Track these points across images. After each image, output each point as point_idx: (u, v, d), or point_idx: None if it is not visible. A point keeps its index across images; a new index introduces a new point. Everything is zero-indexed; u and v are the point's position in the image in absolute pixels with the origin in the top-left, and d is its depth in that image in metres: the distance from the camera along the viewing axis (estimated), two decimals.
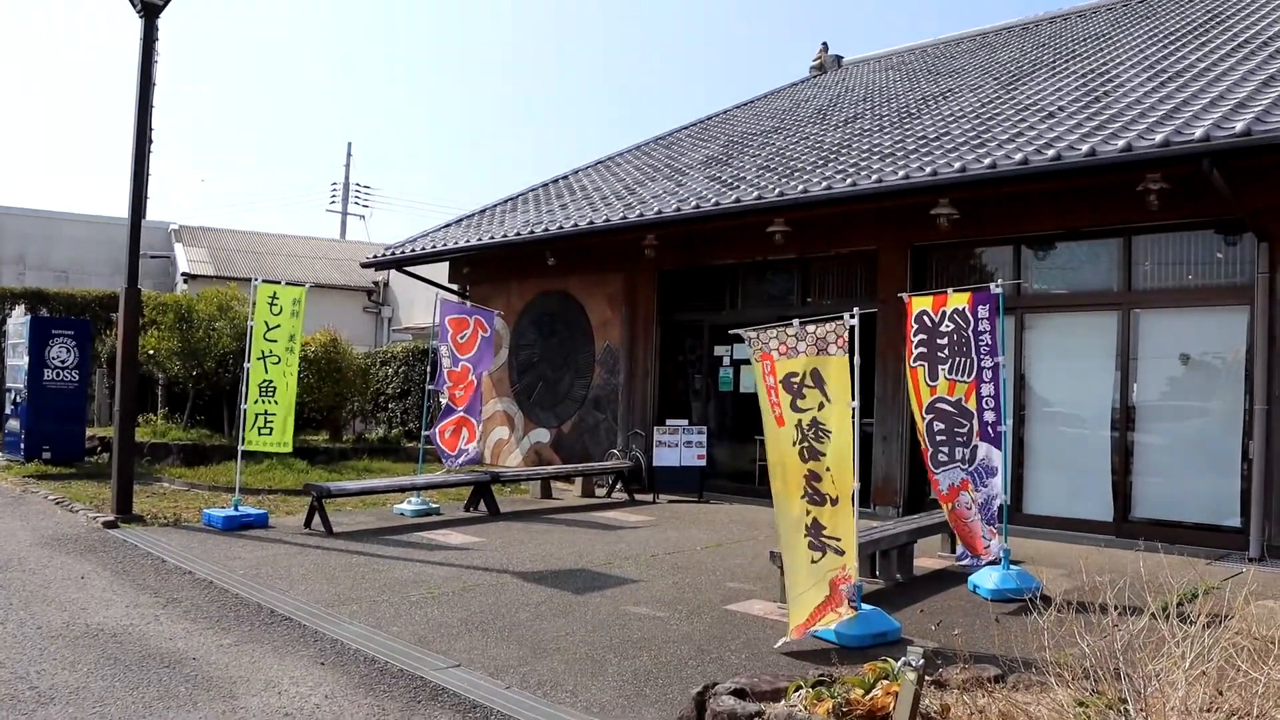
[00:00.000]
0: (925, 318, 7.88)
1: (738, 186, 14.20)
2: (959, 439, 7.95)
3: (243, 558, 9.64)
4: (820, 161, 14.23)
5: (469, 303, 13.33)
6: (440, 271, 19.90)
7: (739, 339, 14.93)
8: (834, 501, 6.84)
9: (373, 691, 5.82)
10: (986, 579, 8.55)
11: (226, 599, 8.02)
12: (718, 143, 19.43)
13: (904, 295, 7.94)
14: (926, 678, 5.40)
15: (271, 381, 11.57)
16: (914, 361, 7.89)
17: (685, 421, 14.86)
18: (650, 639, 7.05)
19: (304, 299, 11.77)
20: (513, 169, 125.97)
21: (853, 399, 6.94)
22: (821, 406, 6.84)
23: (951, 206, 11.77)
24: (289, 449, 12.04)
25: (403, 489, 12.48)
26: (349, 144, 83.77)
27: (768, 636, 7.19)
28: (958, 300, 8.05)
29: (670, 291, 16.27)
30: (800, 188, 12.65)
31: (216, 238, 30.99)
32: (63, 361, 16.27)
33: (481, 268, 19.03)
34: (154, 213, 45.29)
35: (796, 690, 5.31)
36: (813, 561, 6.84)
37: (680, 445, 14.48)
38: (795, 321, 7.03)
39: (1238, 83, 11.37)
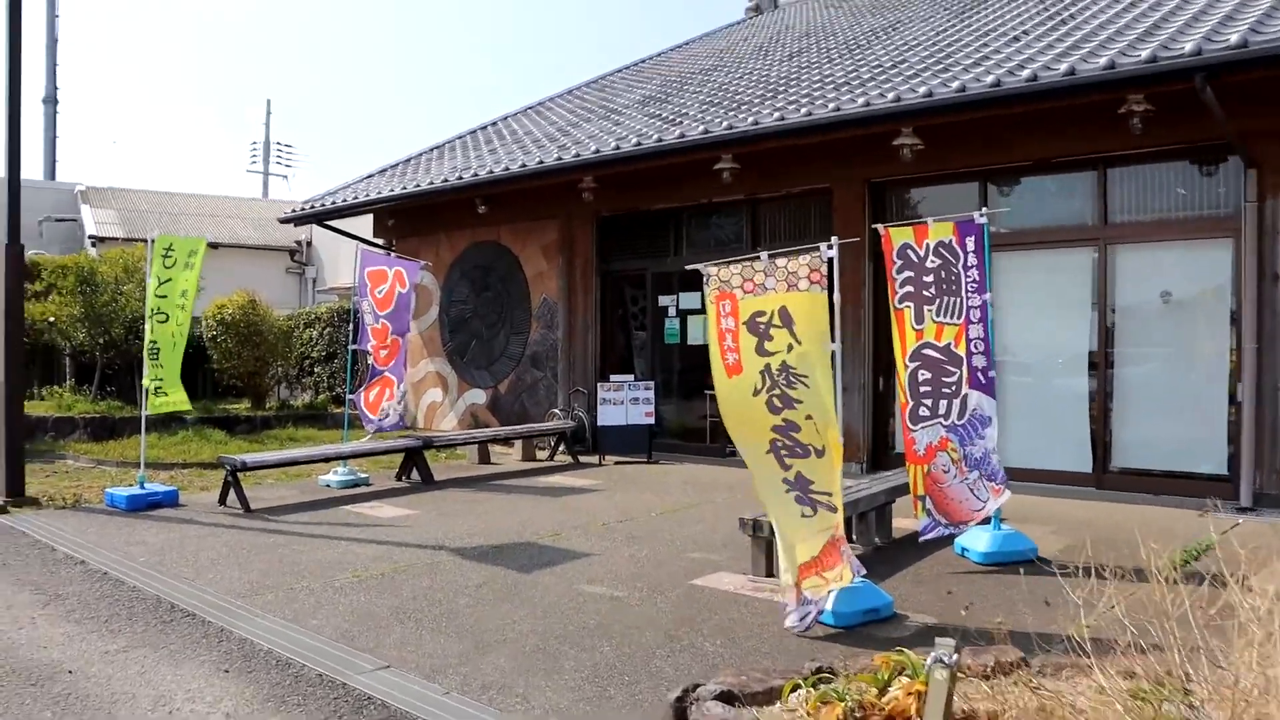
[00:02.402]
0: (909, 252, 6.99)
1: (680, 122, 13.23)
2: (945, 390, 7.09)
3: (146, 542, 8.58)
4: (768, 94, 13.29)
5: (392, 253, 12.25)
6: (365, 226, 18.74)
7: (686, 287, 14.21)
8: (819, 453, 5.98)
9: (284, 705, 4.85)
10: (977, 541, 7.76)
11: (121, 593, 6.98)
12: (654, 83, 18.39)
13: (880, 227, 7.04)
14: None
15: (156, 343, 10.39)
16: (899, 302, 7.00)
17: (631, 377, 13.93)
18: (610, 624, 6.15)
19: (202, 250, 10.60)
20: (443, 125, 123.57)
21: (833, 340, 6.07)
22: (790, 348, 5.97)
23: (915, 136, 10.90)
24: (187, 405, 10.86)
25: (327, 459, 11.43)
26: (268, 101, 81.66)
27: (744, 617, 6.33)
28: (941, 231, 7.17)
29: (610, 239, 15.29)
30: (750, 120, 11.71)
31: (127, 198, 29.35)
32: None
33: (408, 219, 17.88)
34: (64, 175, 43.28)
35: (794, 690, 4.45)
36: (803, 516, 5.98)
37: (626, 403, 13.57)
38: (763, 254, 6.12)
39: (1213, 1, 10.59)
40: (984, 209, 7.58)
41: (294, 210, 18.90)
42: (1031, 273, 11.21)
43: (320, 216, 18.06)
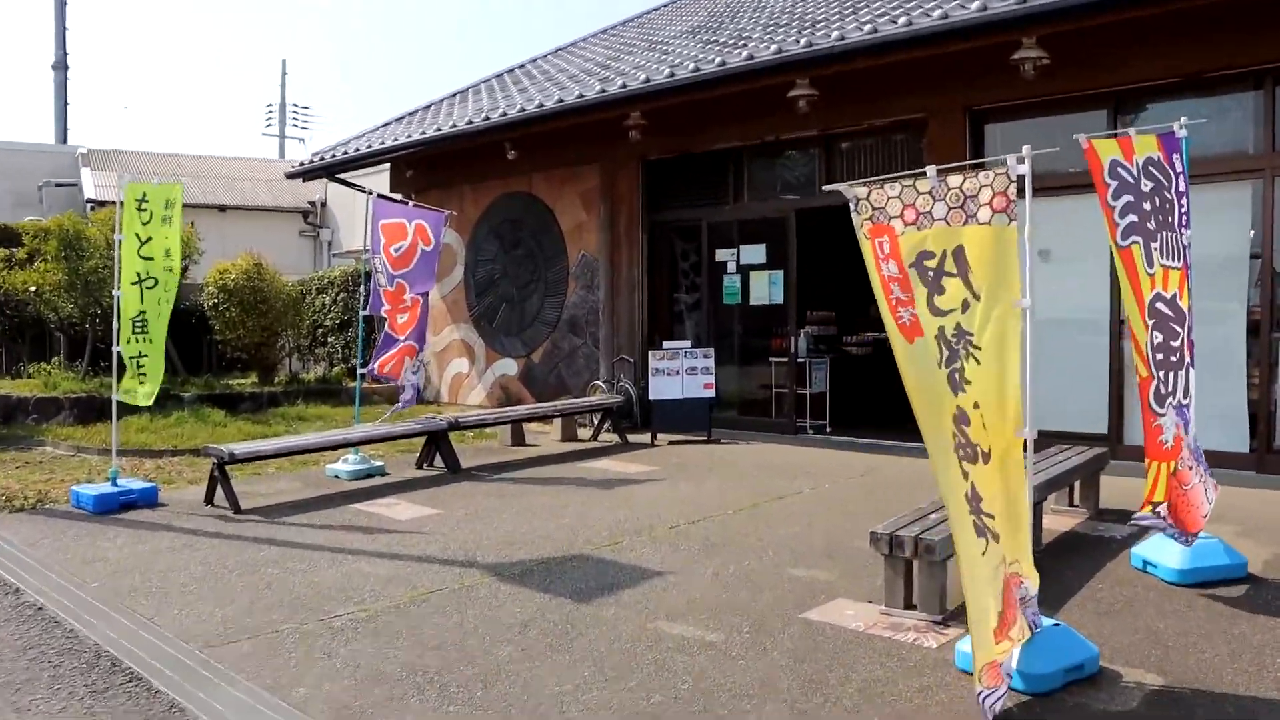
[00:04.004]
0: (1121, 171, 5.08)
1: (744, 45, 11.31)
2: (1173, 358, 5.25)
3: (107, 558, 6.88)
4: (845, 11, 11.36)
5: (412, 202, 10.51)
6: (383, 183, 16.93)
7: (748, 239, 12.33)
8: (985, 458, 4.19)
9: None
10: (1165, 554, 5.94)
11: (53, 641, 5.27)
12: (699, 16, 16.41)
13: (1082, 138, 5.12)
14: None
15: (145, 313, 8.68)
16: (1123, 239, 5.05)
17: (687, 343, 12.11)
18: (711, 692, 4.39)
19: (179, 199, 8.84)
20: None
21: (1024, 295, 4.25)
22: (965, 306, 4.16)
23: (1040, 48, 9.00)
24: (150, 401, 9.13)
25: (335, 446, 9.64)
26: (284, 61, 79.95)
27: (895, 676, 4.55)
28: (1146, 146, 5.30)
29: (658, 185, 13.42)
30: (836, 35, 9.80)
31: (130, 161, 27.63)
32: None
33: (428, 170, 16.06)
34: (75, 141, 41.72)
35: None
36: (981, 553, 4.20)
37: (682, 373, 11.77)
38: (930, 170, 4.29)
39: None
40: (1183, 120, 5.71)
41: (302, 163, 17.12)
42: None
43: (331, 169, 16.26)
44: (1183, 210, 5.38)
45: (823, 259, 13.49)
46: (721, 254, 12.69)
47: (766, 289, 12.22)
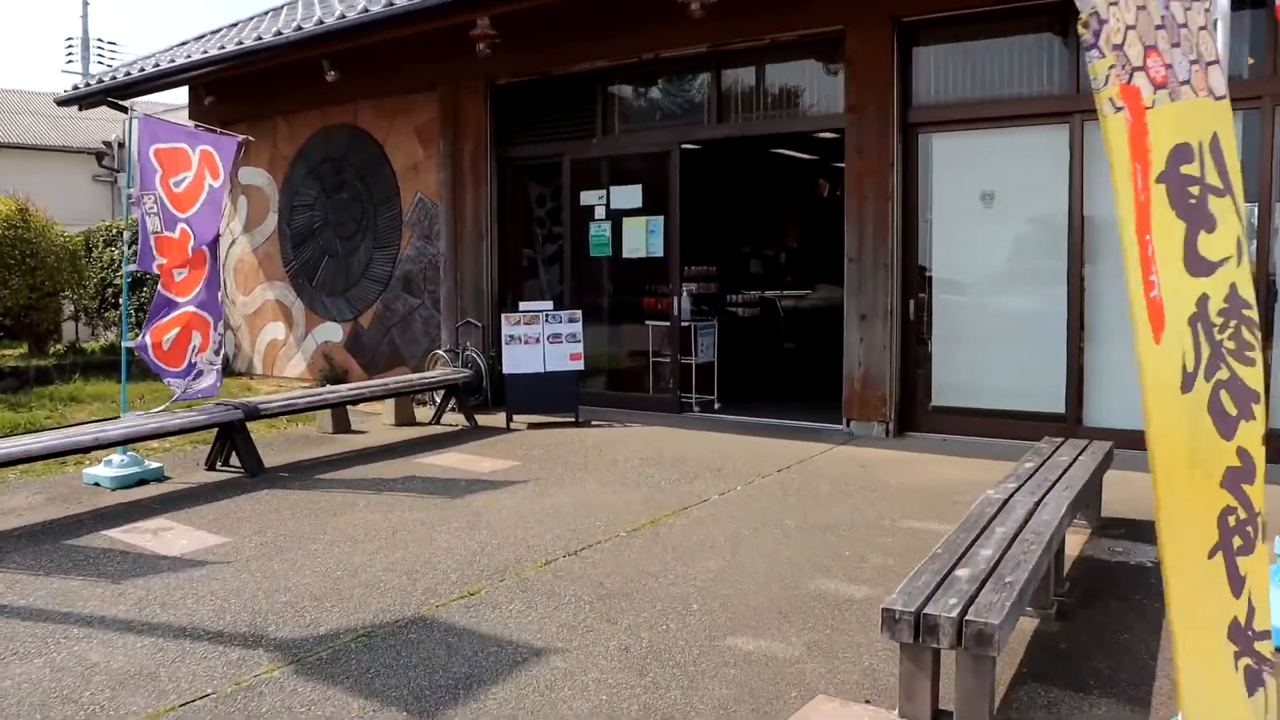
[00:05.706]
0: None
1: None
2: None
3: None
4: None
5: (196, 124, 8.16)
6: (182, 119, 14.25)
7: (619, 179, 10.00)
8: (1264, 531, 2.29)
9: None
10: None
11: None
12: None
13: None
14: None
15: None
16: None
17: (549, 305, 10.00)
18: None
19: None
20: None
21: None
22: (1240, 253, 2.24)
23: None
24: None
25: (83, 449, 7.13)
26: None
27: None
28: None
29: (511, 115, 11.19)
30: None
31: None
32: None
33: (232, 97, 13.42)
34: None
35: None
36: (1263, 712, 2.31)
37: (543, 341, 9.68)
38: None
39: None
40: None
41: (75, 87, 14.22)
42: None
43: (110, 92, 13.38)
44: None
45: (706, 204, 11.61)
46: (588, 197, 10.57)
47: (643, 239, 10.19)
